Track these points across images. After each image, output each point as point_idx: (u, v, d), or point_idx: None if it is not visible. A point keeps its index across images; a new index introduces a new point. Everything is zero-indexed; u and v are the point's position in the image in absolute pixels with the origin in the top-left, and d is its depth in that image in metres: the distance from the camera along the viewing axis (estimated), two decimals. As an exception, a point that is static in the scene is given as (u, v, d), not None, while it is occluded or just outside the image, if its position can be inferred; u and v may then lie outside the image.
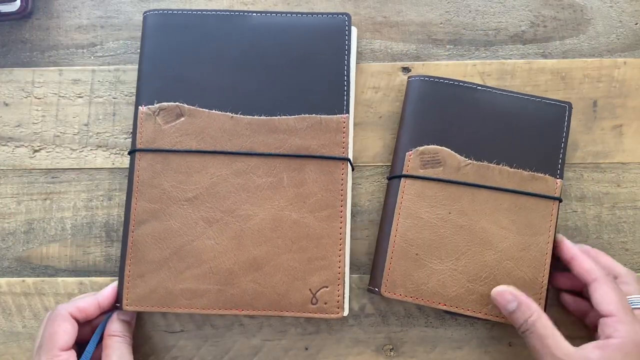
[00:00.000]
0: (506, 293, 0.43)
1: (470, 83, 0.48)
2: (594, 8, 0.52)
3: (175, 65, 0.48)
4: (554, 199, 0.46)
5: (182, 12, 0.49)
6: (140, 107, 0.47)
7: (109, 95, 0.51)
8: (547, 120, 0.48)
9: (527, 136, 0.47)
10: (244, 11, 0.49)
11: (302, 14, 0.49)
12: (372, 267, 0.47)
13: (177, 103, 0.47)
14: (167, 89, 0.47)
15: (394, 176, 0.47)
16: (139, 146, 0.47)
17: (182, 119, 0.47)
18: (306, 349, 0.48)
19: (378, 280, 0.46)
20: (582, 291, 0.47)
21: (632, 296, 0.43)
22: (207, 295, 0.45)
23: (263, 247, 0.46)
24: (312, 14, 0.49)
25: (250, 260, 0.45)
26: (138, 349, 0.48)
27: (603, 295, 0.42)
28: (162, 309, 0.45)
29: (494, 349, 0.48)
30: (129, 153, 0.47)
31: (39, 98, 0.51)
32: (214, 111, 0.47)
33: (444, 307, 0.45)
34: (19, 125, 0.51)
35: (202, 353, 0.48)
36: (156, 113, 0.47)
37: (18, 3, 0.50)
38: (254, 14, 0.49)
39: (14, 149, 0.51)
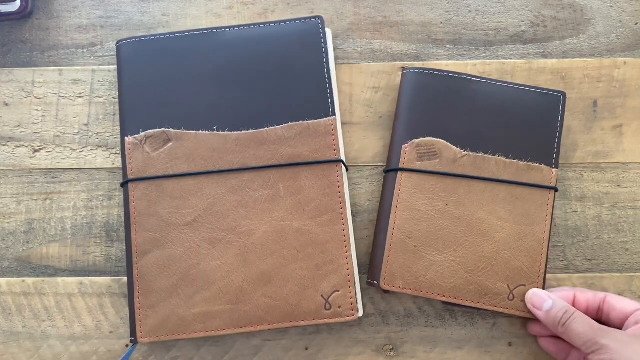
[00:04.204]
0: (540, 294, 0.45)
1: (465, 74, 0.48)
2: (594, 8, 0.52)
3: (156, 91, 0.48)
4: (550, 188, 0.47)
5: (155, 37, 0.49)
6: (126, 138, 0.47)
7: (109, 95, 0.51)
8: (541, 110, 0.48)
9: (522, 126, 0.47)
10: (217, 28, 0.49)
11: (274, 22, 0.49)
12: (370, 260, 0.47)
13: (162, 129, 0.47)
14: (151, 116, 0.47)
15: (391, 169, 0.47)
16: (130, 177, 0.47)
17: (170, 144, 0.47)
18: (306, 349, 0.48)
19: (377, 273, 0.46)
20: (558, 335, 0.45)
21: None
22: (221, 316, 0.45)
23: (269, 260, 0.45)
24: (285, 21, 0.49)
25: (258, 275, 0.45)
26: (138, 349, 0.48)
27: (621, 301, 0.44)
28: (177, 337, 0.45)
29: (494, 349, 0.48)
30: (122, 185, 0.47)
31: (39, 98, 0.51)
32: (201, 132, 0.47)
33: (443, 299, 0.45)
34: (19, 125, 0.51)
35: (202, 353, 0.48)
36: (143, 142, 0.47)
37: (18, 3, 0.50)
38: (227, 30, 0.49)
39: (14, 149, 0.51)
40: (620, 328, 0.43)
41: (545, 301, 0.44)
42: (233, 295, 0.45)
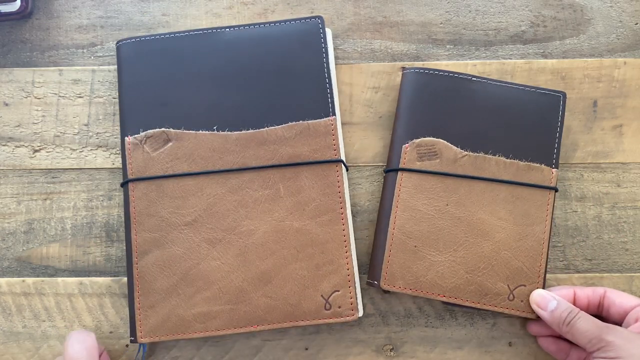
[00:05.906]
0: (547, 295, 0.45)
1: (465, 74, 0.48)
2: (594, 8, 0.52)
3: (156, 91, 0.48)
4: (550, 188, 0.47)
5: (155, 37, 0.49)
6: (126, 138, 0.47)
7: (109, 95, 0.51)
8: (541, 110, 0.48)
9: (522, 126, 0.47)
10: (217, 28, 0.49)
11: (274, 22, 0.48)
12: (370, 260, 0.47)
13: (162, 129, 0.47)
14: (151, 115, 0.47)
15: (391, 169, 0.47)
16: (130, 177, 0.47)
17: (170, 143, 0.47)
18: (306, 349, 0.48)
19: (377, 273, 0.46)
20: (557, 335, 0.46)
21: None
22: (220, 316, 0.45)
23: (269, 260, 0.45)
24: (285, 21, 0.48)
25: (258, 275, 0.45)
26: (138, 349, 0.48)
27: (620, 296, 0.44)
28: (177, 336, 0.45)
29: (494, 349, 0.48)
30: (122, 185, 0.47)
31: (39, 98, 0.51)
32: (201, 131, 0.47)
33: (443, 299, 0.45)
34: (19, 125, 0.51)
35: (202, 353, 0.48)
36: (143, 141, 0.47)
37: (18, 3, 0.50)
38: (227, 30, 0.48)
39: (14, 149, 0.51)
40: (620, 323, 0.44)
41: (550, 301, 0.44)
42: (233, 295, 0.45)
